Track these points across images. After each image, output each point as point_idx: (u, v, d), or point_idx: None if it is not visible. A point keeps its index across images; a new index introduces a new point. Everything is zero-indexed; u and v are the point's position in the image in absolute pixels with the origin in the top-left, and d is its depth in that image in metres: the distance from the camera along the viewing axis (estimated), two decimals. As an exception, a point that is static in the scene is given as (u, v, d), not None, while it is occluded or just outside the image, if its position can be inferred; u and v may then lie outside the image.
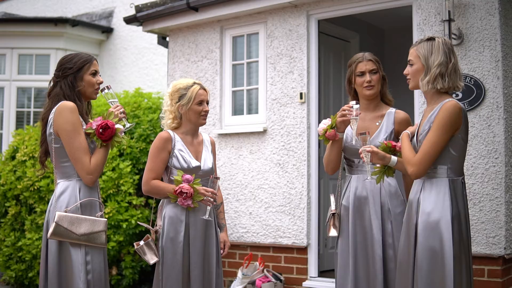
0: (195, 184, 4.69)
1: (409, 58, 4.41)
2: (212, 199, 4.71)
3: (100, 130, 4.37)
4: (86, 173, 4.37)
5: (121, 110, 4.55)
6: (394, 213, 4.82)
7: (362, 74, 4.97)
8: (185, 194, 4.64)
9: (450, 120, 4.13)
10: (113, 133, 4.41)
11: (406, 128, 4.63)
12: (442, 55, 4.24)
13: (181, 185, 4.66)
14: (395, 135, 4.88)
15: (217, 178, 4.77)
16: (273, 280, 7.54)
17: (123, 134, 4.53)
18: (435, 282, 4.08)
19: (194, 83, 4.92)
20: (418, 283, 4.12)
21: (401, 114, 4.96)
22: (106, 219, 4.42)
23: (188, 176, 4.70)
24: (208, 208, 4.73)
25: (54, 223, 4.26)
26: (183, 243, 4.73)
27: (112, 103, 4.62)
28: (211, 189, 4.71)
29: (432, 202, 4.17)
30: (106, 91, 4.61)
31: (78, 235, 4.28)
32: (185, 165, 4.78)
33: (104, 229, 4.37)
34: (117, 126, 4.44)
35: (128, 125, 4.64)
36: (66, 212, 4.31)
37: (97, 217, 4.40)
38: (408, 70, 4.42)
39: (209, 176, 4.87)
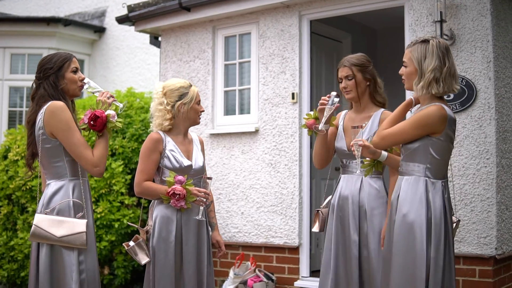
0: (187, 185, 4.69)
1: (403, 59, 4.38)
2: (204, 200, 4.71)
3: (91, 122, 4.39)
4: (92, 166, 4.37)
5: (108, 95, 4.55)
6: (372, 214, 4.83)
7: (341, 80, 5.05)
8: (178, 196, 4.63)
9: (426, 119, 4.14)
10: (104, 121, 4.41)
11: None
12: (436, 60, 4.18)
13: (173, 186, 4.64)
14: None
15: (210, 178, 4.76)
16: (265, 279, 7.54)
17: (115, 118, 4.51)
18: (406, 283, 4.08)
19: (190, 84, 4.96)
20: (391, 282, 4.14)
21: (386, 114, 4.91)
22: (86, 220, 4.37)
23: (180, 177, 4.69)
24: (201, 208, 4.73)
25: (33, 225, 4.27)
26: (175, 243, 4.73)
27: (97, 93, 4.63)
28: (204, 190, 4.70)
29: (408, 202, 4.18)
30: (86, 85, 4.62)
31: (57, 237, 4.27)
32: (177, 165, 4.77)
33: (85, 230, 4.32)
34: (107, 112, 4.45)
35: (120, 105, 4.64)
36: (46, 214, 4.32)
37: (78, 218, 4.38)
38: (402, 70, 4.40)
39: (201, 175, 4.89)
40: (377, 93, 5.06)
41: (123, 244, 4.80)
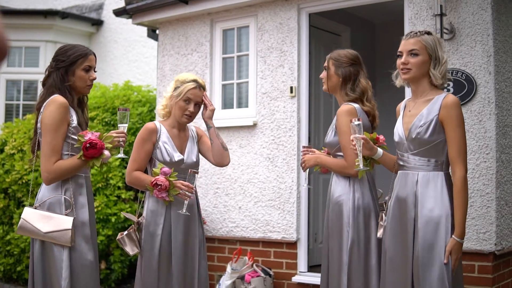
0: (171, 177, 4.64)
1: (412, 47, 4.25)
2: (189, 193, 4.65)
3: (87, 145, 4.30)
4: (45, 171, 4.27)
5: (122, 139, 4.49)
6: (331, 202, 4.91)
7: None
8: (159, 186, 4.59)
9: (461, 114, 4.15)
10: (95, 155, 4.32)
11: (339, 120, 4.71)
12: (444, 52, 4.28)
13: (157, 177, 4.62)
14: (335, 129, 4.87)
15: (196, 172, 4.71)
16: (263, 275, 7.51)
17: (107, 161, 4.45)
18: (438, 279, 4.04)
19: (192, 80, 4.86)
20: (420, 277, 4.06)
21: (339, 113, 4.81)
22: (73, 217, 4.30)
23: (166, 169, 4.65)
24: (186, 202, 4.64)
25: (21, 219, 4.23)
26: (162, 236, 4.70)
27: (120, 127, 4.56)
28: (188, 183, 4.65)
29: (431, 197, 4.13)
30: (123, 112, 4.57)
31: (43, 233, 4.22)
32: (167, 159, 4.74)
33: (70, 227, 4.24)
34: (106, 152, 4.36)
35: (122, 155, 4.58)
36: (36, 208, 4.28)
37: (65, 215, 4.32)
38: (408, 59, 4.25)
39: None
40: (346, 91, 4.92)
41: (119, 233, 4.79)
